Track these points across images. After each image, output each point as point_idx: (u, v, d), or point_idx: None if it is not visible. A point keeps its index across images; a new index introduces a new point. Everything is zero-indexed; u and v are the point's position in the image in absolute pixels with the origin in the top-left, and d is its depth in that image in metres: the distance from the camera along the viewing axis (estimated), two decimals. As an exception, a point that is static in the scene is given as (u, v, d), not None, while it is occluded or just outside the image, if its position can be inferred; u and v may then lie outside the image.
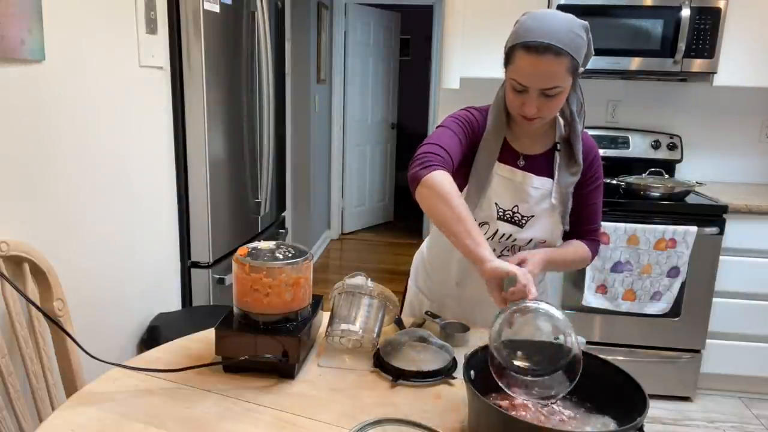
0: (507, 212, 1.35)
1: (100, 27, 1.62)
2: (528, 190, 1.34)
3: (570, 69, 1.18)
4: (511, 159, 1.36)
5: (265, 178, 2.56)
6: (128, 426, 0.98)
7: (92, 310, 1.67)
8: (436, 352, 1.22)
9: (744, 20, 2.58)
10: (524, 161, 1.36)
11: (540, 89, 1.20)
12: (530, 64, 1.18)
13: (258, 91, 2.50)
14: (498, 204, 1.35)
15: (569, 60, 1.17)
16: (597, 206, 1.44)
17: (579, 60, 1.20)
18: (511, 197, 1.35)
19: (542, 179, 1.35)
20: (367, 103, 5.50)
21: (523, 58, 1.18)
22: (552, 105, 1.23)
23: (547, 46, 1.15)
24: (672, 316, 2.60)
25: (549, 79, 1.18)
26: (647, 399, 0.88)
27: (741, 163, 3.08)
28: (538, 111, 1.23)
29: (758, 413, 2.66)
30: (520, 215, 1.35)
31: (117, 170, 1.75)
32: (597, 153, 1.42)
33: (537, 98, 1.21)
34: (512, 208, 1.35)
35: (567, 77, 1.19)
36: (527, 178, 1.35)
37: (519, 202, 1.35)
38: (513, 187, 1.35)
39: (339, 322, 1.24)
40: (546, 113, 1.25)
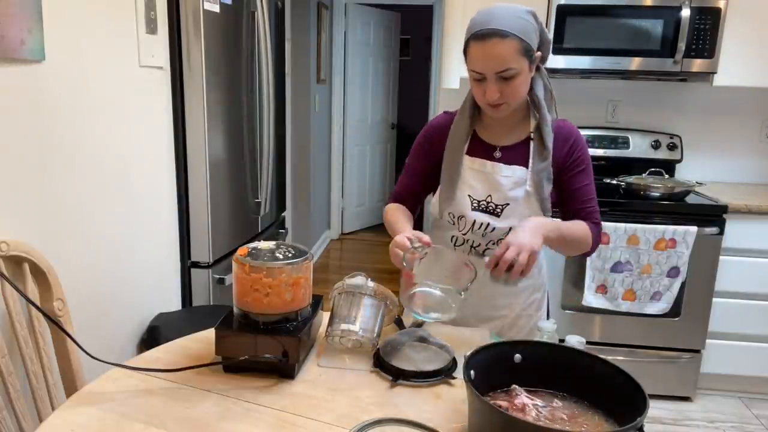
0: (481, 202, 1.41)
1: (100, 27, 1.62)
2: (498, 179, 1.40)
3: (521, 51, 1.25)
4: (486, 152, 1.43)
5: (265, 178, 2.56)
6: (128, 426, 0.98)
7: (92, 310, 1.67)
8: (436, 352, 1.22)
9: (744, 20, 2.58)
10: (501, 153, 1.42)
11: (495, 73, 1.27)
12: (481, 51, 1.26)
13: (258, 91, 2.50)
14: (471, 196, 1.42)
15: (517, 41, 1.24)
16: (588, 188, 1.43)
17: (529, 42, 1.27)
18: (484, 187, 1.41)
19: (513, 167, 1.40)
20: (367, 103, 5.51)
21: (474, 48, 1.27)
22: (512, 88, 1.29)
23: (493, 30, 1.24)
24: (672, 316, 2.60)
25: (500, 61, 1.25)
26: (647, 399, 0.88)
27: (741, 163, 3.08)
28: (501, 96, 1.29)
29: (758, 413, 2.66)
30: (495, 204, 1.40)
31: (117, 170, 1.75)
32: (578, 138, 1.43)
33: (495, 83, 1.28)
34: (486, 198, 1.41)
35: (519, 58, 1.26)
36: (497, 167, 1.40)
37: (492, 192, 1.40)
38: (484, 177, 1.41)
39: (339, 322, 1.23)
40: (510, 98, 1.31)
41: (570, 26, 2.62)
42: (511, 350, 1.05)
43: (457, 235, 1.45)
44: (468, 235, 1.43)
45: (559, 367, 1.03)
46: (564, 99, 3.11)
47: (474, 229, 1.41)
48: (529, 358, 1.04)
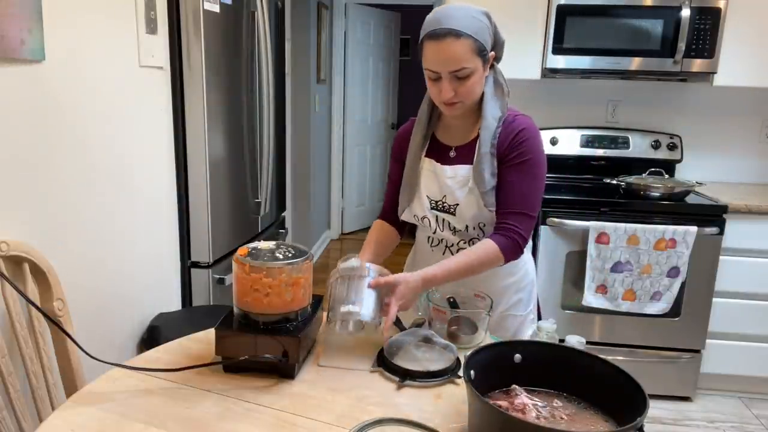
0: (438, 202, 1.45)
1: (100, 27, 1.62)
2: (445, 181, 1.43)
3: (475, 50, 1.28)
4: (441, 153, 1.46)
5: (265, 178, 2.56)
6: (128, 426, 0.98)
7: (92, 310, 1.67)
8: (440, 352, 1.22)
9: (744, 20, 2.58)
10: (455, 152, 1.44)
11: (449, 72, 1.29)
12: (436, 50, 1.28)
13: (258, 91, 2.50)
14: (429, 196, 1.46)
15: (471, 41, 1.27)
16: (513, 186, 1.36)
17: (483, 42, 1.29)
18: (438, 188, 1.45)
19: (456, 167, 1.42)
20: (367, 103, 5.50)
21: (429, 47, 1.29)
22: (467, 87, 1.31)
23: (447, 30, 1.25)
24: (672, 316, 2.60)
25: (455, 61, 1.27)
26: (647, 399, 0.88)
27: (741, 163, 3.08)
28: (455, 95, 1.32)
29: (758, 413, 2.66)
30: (448, 204, 1.44)
31: (117, 170, 1.75)
32: (524, 132, 1.37)
33: (450, 82, 1.30)
34: (441, 198, 1.45)
35: (473, 58, 1.28)
36: (441, 169, 1.44)
37: (445, 192, 1.44)
38: (436, 178, 1.45)
39: (338, 305, 1.22)
40: (464, 97, 1.33)
41: (570, 26, 2.62)
42: (511, 350, 1.05)
43: (432, 235, 1.50)
44: (440, 233, 1.47)
45: (559, 367, 1.03)
46: (564, 99, 3.12)
47: (439, 227, 1.46)
48: (529, 358, 1.04)
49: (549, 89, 3.11)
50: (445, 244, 1.49)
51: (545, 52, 2.69)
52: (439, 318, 1.32)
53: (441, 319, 1.32)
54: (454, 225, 1.45)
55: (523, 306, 1.54)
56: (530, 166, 1.36)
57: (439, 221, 1.46)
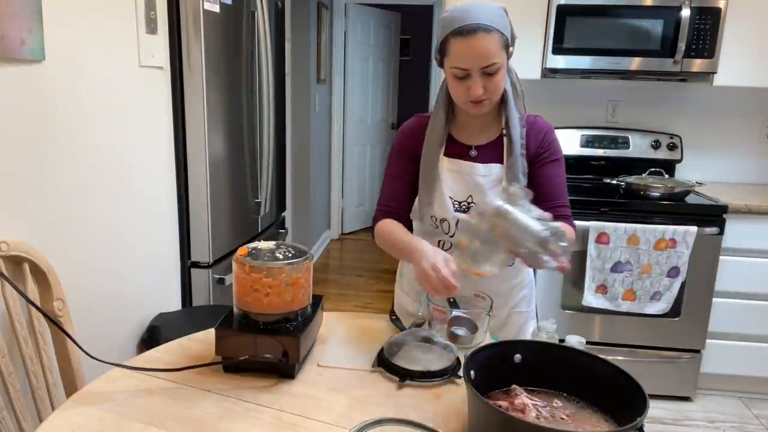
0: (463, 203, 1.41)
1: (100, 27, 1.62)
2: (477, 180, 1.39)
3: (502, 45, 1.26)
4: (461, 152, 1.42)
5: (265, 178, 2.56)
6: (128, 426, 0.98)
7: (92, 310, 1.67)
8: (440, 352, 1.22)
9: (744, 20, 2.58)
10: (476, 152, 1.41)
11: (480, 68, 1.26)
12: (466, 46, 1.25)
13: (258, 91, 2.50)
14: (452, 197, 1.41)
15: (499, 36, 1.25)
16: (559, 180, 1.42)
17: (507, 37, 1.28)
18: (464, 189, 1.41)
19: (489, 166, 1.40)
20: (367, 103, 5.50)
21: (457, 44, 1.26)
22: (495, 83, 1.29)
23: (477, 26, 1.23)
24: (672, 316, 2.60)
25: (486, 56, 1.25)
26: (647, 399, 0.88)
27: (741, 163, 3.08)
28: (484, 91, 1.29)
29: (758, 413, 2.66)
30: (476, 205, 1.40)
31: (117, 170, 1.75)
32: (550, 131, 1.43)
33: (480, 79, 1.27)
34: (467, 198, 1.41)
35: (501, 53, 1.26)
36: (473, 168, 1.40)
37: (472, 192, 1.40)
38: (462, 178, 1.41)
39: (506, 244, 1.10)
40: (492, 93, 1.30)
41: (570, 26, 2.62)
42: (511, 350, 1.05)
43: (444, 238, 1.45)
44: (456, 237, 1.43)
45: (559, 367, 1.03)
46: (564, 99, 3.12)
47: (459, 228, 1.41)
48: (529, 358, 1.04)
49: (549, 89, 3.11)
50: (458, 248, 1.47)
51: (545, 52, 2.69)
52: (439, 318, 1.32)
53: (441, 319, 1.32)
54: None
55: (526, 303, 1.56)
56: (561, 163, 1.43)
57: (458, 223, 1.41)
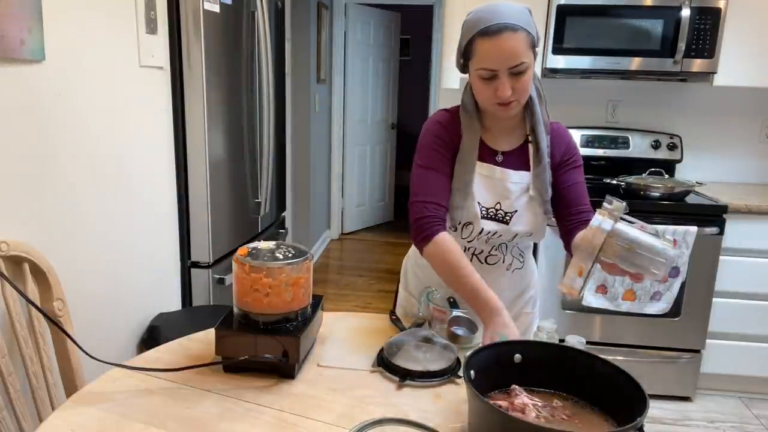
0: (491, 210, 1.38)
1: (100, 27, 1.62)
2: (508, 186, 1.37)
3: (529, 44, 1.24)
4: (489, 156, 1.39)
5: (265, 178, 2.56)
6: (128, 426, 0.98)
7: (92, 310, 1.67)
8: (440, 352, 1.22)
9: (744, 20, 2.58)
10: (502, 157, 1.39)
11: (508, 68, 1.23)
12: (493, 46, 1.22)
13: (258, 91, 2.50)
14: (480, 203, 1.37)
15: (526, 34, 1.23)
16: (582, 185, 1.41)
17: (534, 36, 1.25)
18: (492, 195, 1.38)
19: (520, 173, 1.38)
20: (367, 103, 5.50)
21: (484, 44, 1.23)
22: (522, 84, 1.25)
23: (504, 25, 1.21)
24: (672, 316, 2.60)
25: (514, 55, 1.22)
26: (647, 399, 0.88)
27: (741, 163, 3.08)
28: (513, 92, 1.25)
29: (758, 413, 2.66)
30: (504, 212, 1.38)
31: (117, 170, 1.75)
32: (571, 138, 1.45)
33: (508, 79, 1.24)
34: (495, 205, 1.38)
35: (528, 52, 1.24)
36: (506, 174, 1.37)
37: (501, 199, 1.38)
38: (492, 184, 1.38)
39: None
40: (520, 95, 1.27)
41: (570, 26, 2.62)
42: (511, 350, 1.05)
43: (461, 242, 1.42)
44: (473, 243, 1.42)
45: (559, 367, 1.03)
46: (564, 99, 3.12)
47: (480, 236, 1.39)
48: (529, 358, 1.04)
49: (549, 89, 3.11)
50: (472, 252, 1.43)
51: (545, 52, 2.68)
52: (439, 318, 1.32)
53: (441, 319, 1.32)
54: (502, 233, 1.38)
55: (532, 303, 1.57)
56: (582, 169, 1.43)
57: (485, 231, 1.38)
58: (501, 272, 1.46)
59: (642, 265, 1.07)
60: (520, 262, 1.48)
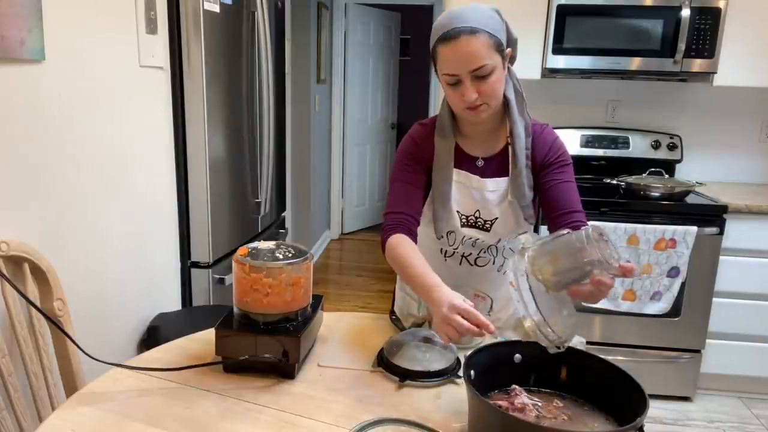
0: (470, 218, 1.37)
1: (100, 27, 1.62)
2: (485, 195, 1.35)
3: (492, 46, 1.21)
4: (467, 164, 1.37)
5: (265, 178, 2.56)
6: (128, 426, 0.98)
7: (92, 310, 1.67)
8: (440, 352, 1.22)
9: (744, 20, 2.58)
10: (483, 162, 1.37)
11: (469, 72, 1.21)
12: (451, 51, 1.21)
13: (258, 91, 2.50)
14: (459, 212, 1.37)
15: (487, 36, 1.20)
16: (570, 186, 1.34)
17: (499, 37, 1.22)
18: (471, 203, 1.36)
19: (496, 180, 1.36)
20: (367, 103, 5.50)
21: (444, 50, 1.22)
22: (489, 86, 1.23)
23: (461, 28, 1.19)
24: (672, 316, 2.60)
25: (473, 59, 1.20)
26: (647, 399, 0.88)
27: (741, 163, 3.08)
28: (479, 96, 1.23)
29: (758, 413, 2.66)
30: (483, 220, 1.37)
31: (117, 170, 1.75)
32: (556, 140, 1.38)
33: (472, 83, 1.22)
34: (474, 213, 1.37)
35: (492, 54, 1.21)
36: (482, 183, 1.35)
37: (480, 207, 1.36)
38: (470, 192, 1.36)
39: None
40: (488, 98, 1.25)
41: (570, 26, 2.62)
42: (511, 350, 1.05)
43: (447, 248, 1.43)
44: (459, 248, 1.42)
45: (559, 367, 1.03)
46: (564, 99, 3.12)
47: (464, 241, 1.39)
48: (529, 358, 1.04)
49: (549, 89, 3.11)
50: (461, 254, 1.43)
51: (545, 52, 2.69)
52: None
53: None
54: (483, 239, 1.38)
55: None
56: (570, 169, 1.36)
57: (466, 237, 1.38)
58: (492, 274, 1.45)
59: (578, 265, 0.98)
60: None
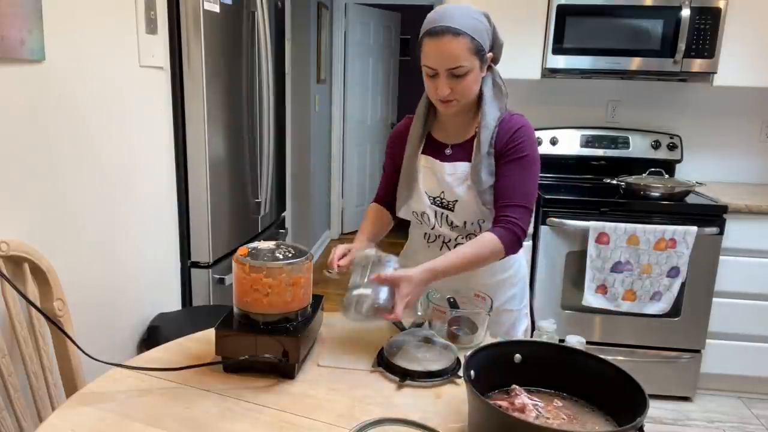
0: (437, 198, 1.47)
1: (100, 27, 1.62)
2: (445, 178, 1.44)
3: (472, 50, 1.30)
4: (437, 150, 1.47)
5: (265, 178, 2.56)
6: (128, 426, 0.98)
7: (92, 310, 1.67)
8: (440, 352, 1.22)
9: (744, 20, 2.58)
10: (452, 150, 1.46)
11: (447, 69, 1.30)
12: (434, 48, 1.30)
13: (258, 91, 2.50)
14: (428, 193, 1.47)
15: (469, 40, 1.28)
16: (513, 178, 1.37)
17: (481, 42, 1.31)
18: (436, 185, 1.46)
19: (455, 164, 1.44)
20: (367, 103, 5.50)
21: (428, 44, 1.31)
22: (463, 86, 1.33)
23: (446, 28, 1.28)
24: (672, 316, 2.60)
25: (452, 58, 1.29)
26: (647, 399, 0.88)
27: (741, 163, 3.08)
28: (451, 92, 1.33)
29: (758, 413, 2.66)
30: (447, 200, 1.46)
31: (117, 170, 1.75)
32: (520, 129, 1.39)
33: (447, 79, 1.32)
34: (440, 194, 1.46)
35: (470, 57, 1.30)
36: (442, 166, 1.45)
37: (444, 188, 1.45)
38: (434, 175, 1.46)
39: (351, 290, 1.23)
40: (460, 95, 1.34)
41: (570, 26, 2.62)
42: (511, 350, 1.05)
43: (429, 232, 1.51)
44: (438, 229, 1.48)
45: (559, 367, 1.03)
46: (564, 99, 3.12)
47: (438, 221, 1.47)
48: (529, 358, 1.04)
49: (549, 89, 3.11)
50: (442, 240, 1.50)
51: (545, 52, 2.69)
52: (439, 318, 1.32)
53: (441, 319, 1.32)
54: (452, 220, 1.46)
55: (517, 301, 1.57)
56: (527, 162, 1.39)
57: (439, 217, 1.47)
58: None
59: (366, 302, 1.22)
60: None
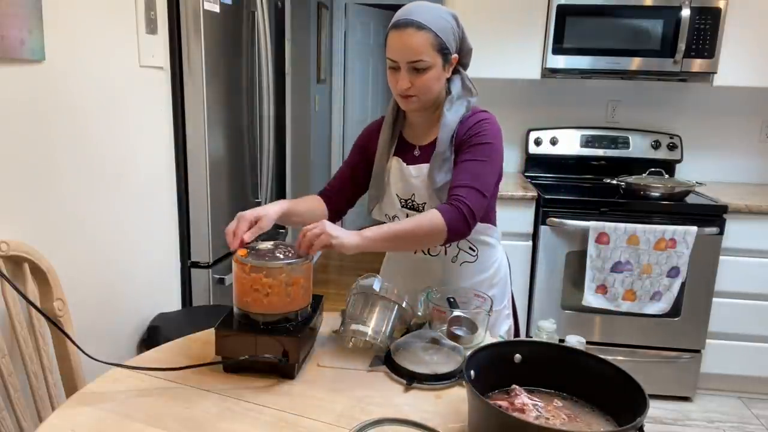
0: (408, 201, 1.46)
1: (100, 27, 1.62)
2: (411, 180, 1.44)
3: (435, 46, 1.30)
4: (407, 152, 1.47)
5: (265, 178, 2.56)
6: (128, 426, 0.98)
7: (92, 310, 1.67)
8: (448, 354, 1.21)
9: (744, 20, 2.58)
10: (420, 151, 1.45)
11: (407, 62, 1.31)
12: (397, 40, 1.31)
13: (258, 91, 2.50)
14: (398, 195, 1.47)
15: (432, 36, 1.29)
16: (467, 165, 1.34)
17: (445, 40, 1.31)
18: (406, 187, 1.46)
19: (418, 166, 1.43)
20: (367, 103, 5.50)
21: (392, 36, 1.33)
22: (423, 81, 1.32)
23: (410, 21, 1.29)
24: (672, 316, 2.60)
25: (413, 51, 1.29)
26: (647, 399, 0.88)
27: (741, 163, 3.08)
28: (411, 87, 1.33)
29: (758, 413, 2.66)
30: (417, 203, 1.45)
31: (117, 170, 1.75)
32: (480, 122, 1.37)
33: (408, 73, 1.32)
34: (411, 197, 1.46)
35: (432, 53, 1.30)
36: (407, 168, 1.44)
37: (413, 191, 1.44)
38: (403, 177, 1.45)
39: (350, 322, 1.25)
40: (420, 90, 1.33)
41: (570, 26, 2.62)
42: (511, 350, 1.05)
43: None
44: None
45: (559, 367, 1.03)
46: (564, 99, 3.11)
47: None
48: (529, 358, 1.04)
49: (549, 89, 3.11)
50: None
51: (545, 52, 2.69)
52: (439, 318, 1.32)
53: (441, 319, 1.32)
54: None
55: (497, 301, 1.54)
56: (485, 148, 1.35)
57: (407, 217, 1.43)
58: (444, 263, 1.48)
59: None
60: (471, 256, 1.49)
